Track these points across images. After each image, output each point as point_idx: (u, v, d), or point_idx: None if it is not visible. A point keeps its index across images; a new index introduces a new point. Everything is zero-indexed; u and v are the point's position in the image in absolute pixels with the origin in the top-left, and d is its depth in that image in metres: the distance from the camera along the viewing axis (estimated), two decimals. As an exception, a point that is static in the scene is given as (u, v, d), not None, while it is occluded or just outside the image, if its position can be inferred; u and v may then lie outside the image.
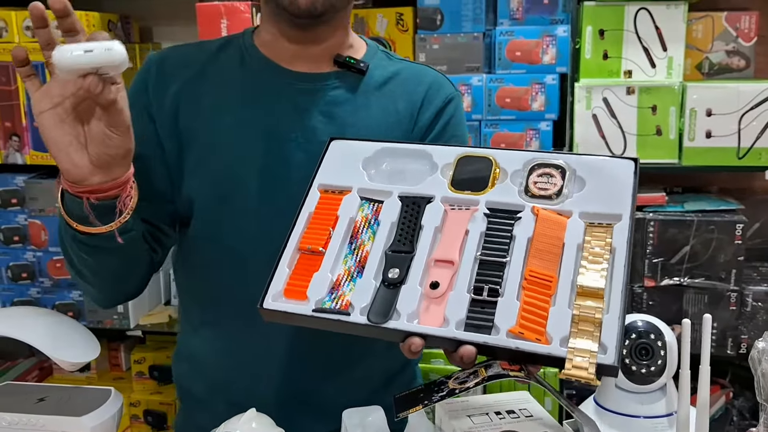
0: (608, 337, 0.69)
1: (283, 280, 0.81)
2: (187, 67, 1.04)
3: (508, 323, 0.72)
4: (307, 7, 0.95)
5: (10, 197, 2.15)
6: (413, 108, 1.05)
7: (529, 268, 0.75)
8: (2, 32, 1.99)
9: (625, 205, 0.79)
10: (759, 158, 1.85)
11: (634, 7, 1.84)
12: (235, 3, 1.88)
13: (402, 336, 0.74)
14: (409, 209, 0.83)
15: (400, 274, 0.77)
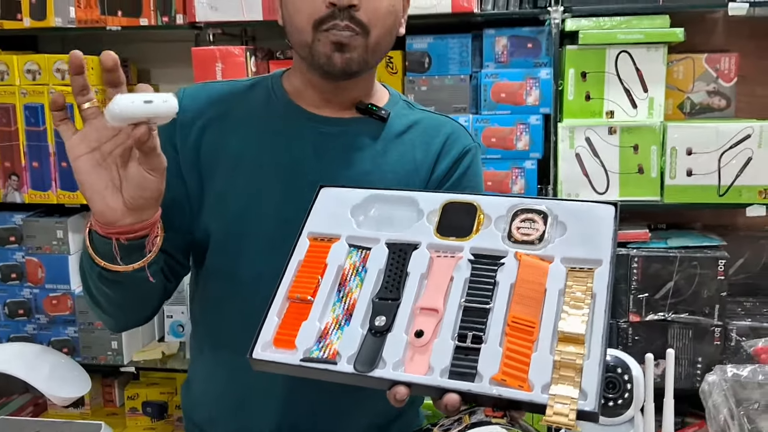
0: (588, 383, 0.70)
1: (272, 329, 0.83)
2: (214, 104, 1.07)
3: (491, 370, 0.73)
4: (342, 67, 0.99)
5: (8, 235, 2.19)
6: (431, 157, 1.08)
7: (511, 314, 0.77)
8: (3, 75, 2.05)
9: (605, 250, 0.80)
10: (739, 196, 1.90)
11: (615, 51, 1.91)
12: (230, 48, 1.95)
13: (388, 384, 0.75)
14: (395, 256, 0.85)
15: (387, 321, 0.79)
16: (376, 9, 0.99)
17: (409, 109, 1.13)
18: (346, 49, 0.98)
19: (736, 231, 2.16)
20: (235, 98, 1.09)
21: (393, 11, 1.01)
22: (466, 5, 1.89)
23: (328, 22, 0.97)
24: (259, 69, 2.03)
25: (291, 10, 1.01)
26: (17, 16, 2.09)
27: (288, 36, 1.05)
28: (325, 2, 0.96)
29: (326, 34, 0.98)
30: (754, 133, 1.87)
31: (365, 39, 0.99)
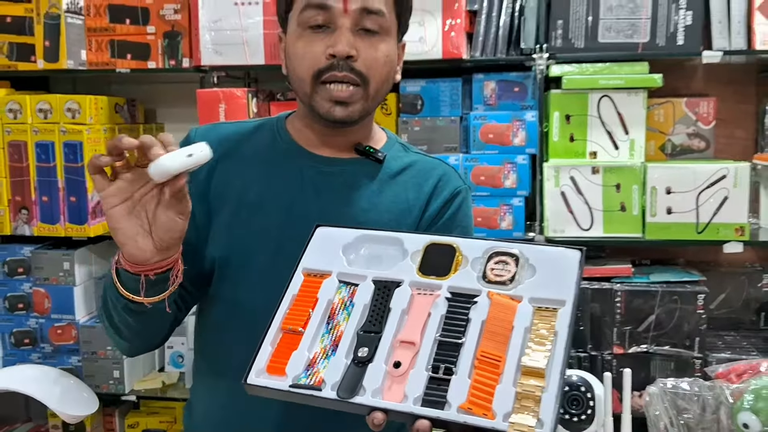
0: (545, 413, 0.77)
1: (266, 357, 0.90)
2: (224, 143, 1.15)
3: (459, 399, 0.81)
4: (342, 118, 1.06)
5: (17, 266, 2.26)
6: (423, 198, 1.15)
7: (481, 349, 0.84)
8: (17, 114, 2.15)
9: (569, 292, 0.87)
10: (717, 233, 1.99)
11: (597, 95, 2.01)
12: (233, 90, 2.05)
13: (367, 410, 0.82)
14: (380, 292, 0.93)
15: (369, 353, 0.87)
16: (373, 59, 1.06)
17: (405, 151, 1.21)
18: (347, 104, 1.06)
19: (718, 267, 2.24)
20: (243, 138, 1.18)
21: (389, 61, 1.09)
22: (457, 52, 2.00)
23: (327, 73, 1.04)
24: (260, 110, 2.14)
25: (294, 61, 1.08)
26: (31, 58, 2.20)
27: (291, 84, 1.13)
28: (324, 54, 1.04)
29: (326, 88, 1.05)
30: (729, 173, 1.96)
31: (364, 89, 1.07)
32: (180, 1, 2.13)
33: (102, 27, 2.17)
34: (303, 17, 1.06)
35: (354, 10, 1.04)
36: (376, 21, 1.06)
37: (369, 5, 1.05)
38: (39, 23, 2.15)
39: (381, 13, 1.06)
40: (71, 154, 2.13)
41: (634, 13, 1.97)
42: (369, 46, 1.06)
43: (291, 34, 1.10)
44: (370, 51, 1.06)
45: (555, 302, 0.86)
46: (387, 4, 1.08)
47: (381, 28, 1.07)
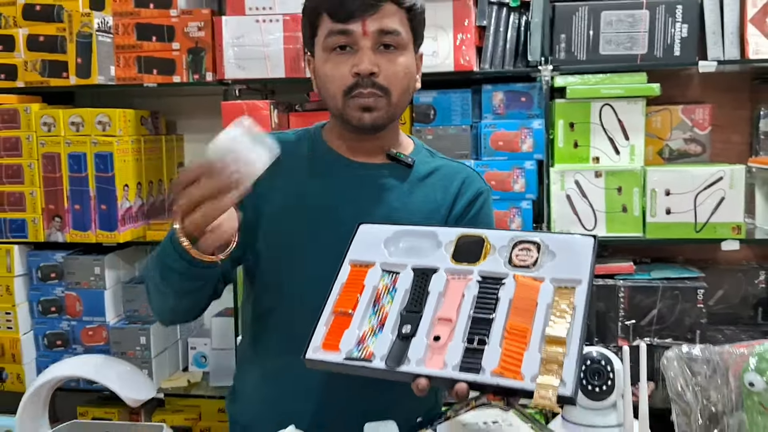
0: (567, 375, 0.87)
1: (321, 336, 1.02)
2: None
3: (492, 365, 0.91)
4: (371, 124, 1.20)
5: (49, 272, 2.38)
6: (449, 199, 1.28)
7: (509, 323, 0.95)
8: (51, 127, 2.27)
9: (584, 272, 0.97)
10: (714, 231, 2.11)
11: (599, 104, 2.13)
12: (256, 102, 2.18)
13: (411, 377, 0.93)
14: (419, 278, 1.04)
15: (411, 329, 0.98)
16: (393, 74, 1.20)
17: (431, 157, 1.34)
18: (373, 110, 1.19)
19: (716, 265, 2.35)
20: (286, 147, 1.29)
21: (408, 73, 1.22)
22: (467, 64, 2.13)
23: (355, 90, 1.18)
24: (281, 120, 2.26)
25: (324, 81, 1.22)
26: (63, 74, 2.32)
27: (323, 101, 1.26)
28: (350, 72, 1.18)
29: (354, 100, 1.19)
30: (726, 175, 2.09)
31: (387, 99, 1.20)
32: (203, 19, 2.25)
33: (129, 44, 2.29)
34: (327, 42, 1.20)
35: (372, 31, 1.17)
36: (393, 39, 1.19)
37: (385, 26, 1.18)
38: (71, 42, 2.27)
39: (396, 32, 1.19)
40: (102, 165, 2.25)
41: (633, 26, 2.10)
42: (389, 62, 1.19)
43: (319, 58, 1.23)
44: (390, 66, 1.19)
45: (572, 281, 0.97)
46: (402, 22, 1.20)
47: (398, 44, 1.20)
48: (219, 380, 2.43)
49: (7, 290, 2.36)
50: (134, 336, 2.35)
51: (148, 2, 2.27)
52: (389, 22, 1.18)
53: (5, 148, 2.30)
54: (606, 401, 1.04)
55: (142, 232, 2.39)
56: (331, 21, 1.18)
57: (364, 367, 0.96)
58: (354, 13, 1.16)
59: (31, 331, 2.41)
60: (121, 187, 2.27)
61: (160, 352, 2.42)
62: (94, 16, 2.25)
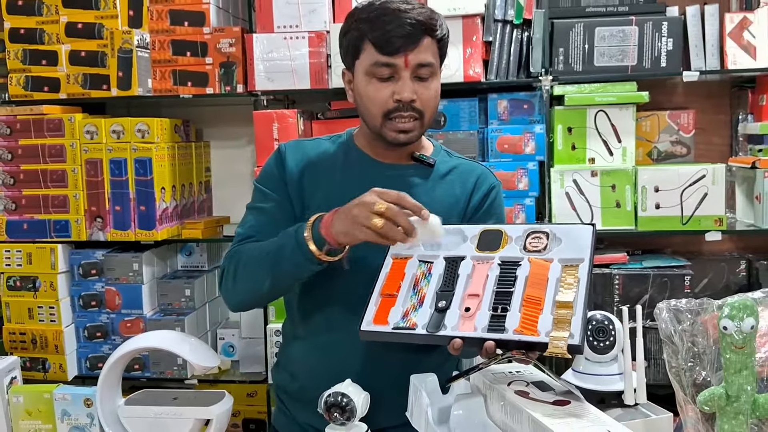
0: (575, 329, 1.07)
1: (372, 313, 1.22)
2: (307, 153, 1.49)
3: (513, 326, 1.11)
4: (405, 142, 1.39)
5: (90, 268, 2.57)
6: (467, 193, 1.46)
7: (526, 294, 1.16)
8: (93, 135, 2.47)
9: (586, 253, 1.19)
10: (699, 224, 2.33)
11: (594, 110, 2.35)
12: (285, 111, 2.39)
13: (448, 340, 1.14)
14: (450, 265, 1.25)
15: (446, 304, 1.19)
16: (428, 99, 1.37)
17: (449, 156, 1.54)
18: (409, 132, 1.39)
19: (701, 255, 2.57)
20: (323, 151, 1.50)
21: (437, 95, 1.42)
22: (475, 75, 2.34)
23: (394, 113, 1.37)
24: (305, 128, 2.47)
25: (365, 100, 1.38)
26: (103, 87, 2.52)
27: (361, 115, 1.44)
28: (392, 98, 1.36)
29: (392, 123, 1.38)
30: (708, 173, 2.31)
31: (421, 121, 1.40)
32: (234, 36, 2.46)
33: (166, 59, 2.50)
34: (372, 70, 1.37)
35: (413, 65, 1.35)
36: (428, 70, 1.36)
37: (423, 61, 1.35)
38: (113, 57, 2.48)
39: (431, 63, 1.36)
40: (141, 169, 2.45)
41: (624, 41, 2.33)
42: (424, 89, 1.38)
43: (360, 80, 1.39)
44: (426, 92, 1.38)
45: (576, 260, 1.18)
46: (434, 53, 1.39)
47: (431, 73, 1.37)
48: (248, 367, 2.63)
49: (51, 286, 2.55)
50: (170, 327, 2.53)
51: (183, 20, 2.48)
52: (426, 56, 1.35)
53: (50, 155, 2.50)
54: (609, 354, 1.25)
55: (177, 231, 2.59)
56: (376, 51, 1.34)
57: (409, 334, 1.17)
58: (399, 48, 1.33)
59: (73, 324, 2.60)
60: (159, 189, 2.47)
61: (193, 341, 2.61)
62: (134, 33, 2.46)
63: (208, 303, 2.74)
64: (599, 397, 1.24)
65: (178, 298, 2.62)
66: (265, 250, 1.36)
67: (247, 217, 1.49)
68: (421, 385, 1.23)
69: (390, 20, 1.33)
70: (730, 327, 1.01)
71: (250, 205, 1.51)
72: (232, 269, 1.41)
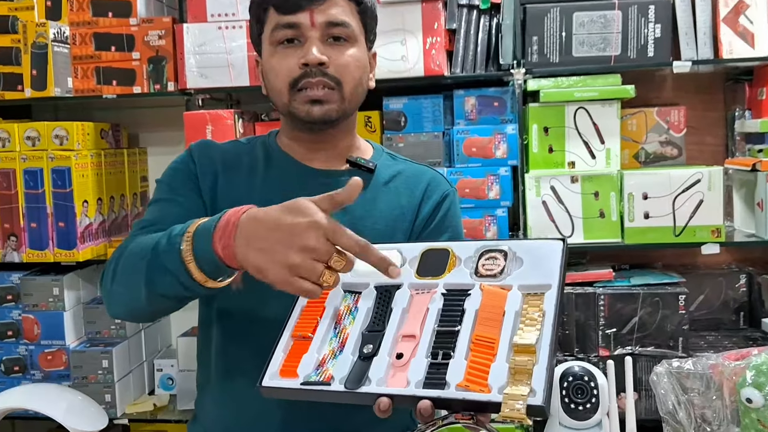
0: (537, 384, 0.81)
1: (279, 362, 0.95)
2: (224, 154, 1.23)
3: (457, 379, 0.85)
4: (320, 115, 1.14)
5: (5, 294, 2.28)
6: (415, 203, 1.23)
7: (475, 334, 0.90)
8: (5, 142, 2.17)
9: (554, 276, 0.93)
10: (694, 235, 2.06)
11: (573, 107, 2.08)
12: (219, 111, 2.10)
13: (373, 399, 0.87)
14: (382, 296, 0.99)
15: (373, 348, 0.92)
16: (345, 64, 1.15)
17: (393, 160, 1.28)
18: (323, 102, 1.14)
19: (696, 269, 2.32)
20: (240, 153, 1.24)
21: (360, 65, 1.17)
22: (438, 69, 2.07)
23: (302, 81, 1.13)
24: (246, 130, 2.18)
25: (270, 76, 1.17)
26: (17, 87, 2.22)
27: (272, 101, 1.20)
28: (298, 63, 1.13)
29: (302, 93, 1.14)
30: (704, 177, 2.04)
31: (339, 92, 1.15)
32: (164, 27, 2.17)
33: (88, 55, 2.21)
34: (274, 36, 1.15)
35: (320, 23, 1.13)
36: (342, 31, 1.15)
37: (333, 18, 1.14)
38: (26, 53, 2.18)
39: (345, 23, 1.16)
40: (59, 180, 2.16)
41: (606, 27, 2.06)
42: (339, 53, 1.15)
43: (265, 53, 1.18)
44: (341, 57, 1.15)
45: (541, 287, 0.92)
46: (351, 14, 1.17)
47: (348, 36, 1.16)
48: (187, 403, 2.32)
49: (-39, 314, 2.25)
50: (96, 359, 2.24)
51: (106, 11, 2.19)
52: (338, 13, 1.15)
53: (-44, 165, 2.20)
54: (590, 420, 0.97)
55: (103, 250, 2.29)
56: (277, 14, 1.15)
57: (322, 391, 0.90)
58: (301, 4, 1.12)
59: (-13, 357, 2.30)
60: (80, 203, 2.17)
61: (124, 375, 2.31)
62: (49, 26, 2.16)
63: (143, 330, 2.43)
64: (578, 478, 0.96)
65: (108, 326, 2.32)
66: (142, 254, 1.03)
67: (149, 209, 1.21)
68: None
69: None
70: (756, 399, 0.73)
71: (153, 199, 1.23)
72: (112, 266, 1.11)
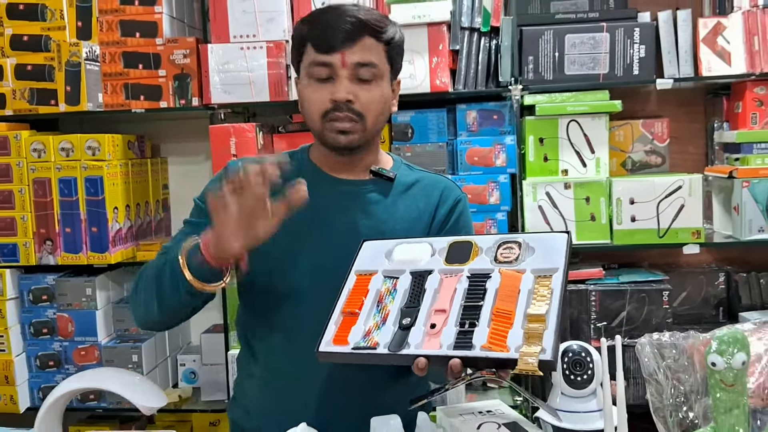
0: (547, 344, 0.98)
1: (332, 333, 1.13)
2: None
3: (481, 342, 1.02)
4: (345, 144, 1.30)
5: (41, 294, 2.44)
6: (431, 207, 1.39)
7: (495, 307, 1.07)
8: (41, 153, 2.34)
9: (560, 261, 1.10)
10: (676, 237, 2.25)
11: (566, 120, 2.27)
12: (243, 125, 2.28)
13: (412, 359, 1.04)
14: (416, 280, 1.16)
15: (411, 321, 1.09)
16: (369, 102, 1.30)
17: (410, 170, 1.46)
18: (348, 133, 1.30)
19: (679, 268, 2.51)
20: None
21: (382, 99, 1.33)
22: (442, 85, 2.25)
23: (331, 113, 1.30)
24: (265, 141, 2.36)
25: (305, 104, 1.33)
26: (50, 102, 2.39)
27: (305, 121, 1.37)
28: (329, 98, 1.29)
29: (331, 123, 1.30)
30: (685, 184, 2.24)
31: (362, 124, 1.31)
32: (189, 47, 2.35)
33: (117, 72, 2.38)
34: (311, 71, 1.31)
35: (351, 64, 1.28)
36: (369, 71, 1.30)
37: (362, 60, 1.29)
38: (60, 71, 2.35)
39: (373, 64, 1.30)
40: (92, 188, 2.32)
41: (595, 48, 2.26)
42: (364, 91, 1.30)
43: (302, 82, 1.35)
44: (366, 94, 1.30)
45: (550, 270, 1.10)
46: (379, 54, 1.31)
47: (374, 75, 1.31)
48: (210, 395, 2.50)
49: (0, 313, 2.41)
50: (126, 354, 2.41)
51: (134, 31, 2.36)
52: (366, 55, 1.29)
53: (-5, 175, 2.37)
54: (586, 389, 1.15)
55: (132, 253, 2.46)
56: (314, 52, 1.29)
57: (369, 354, 1.07)
58: (335, 46, 1.27)
59: (24, 353, 2.46)
60: (111, 209, 2.34)
61: (151, 369, 2.48)
62: (82, 46, 2.34)
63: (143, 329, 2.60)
64: (577, 436, 1.15)
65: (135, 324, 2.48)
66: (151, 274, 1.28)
67: (179, 232, 1.40)
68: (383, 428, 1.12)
69: (329, 18, 1.29)
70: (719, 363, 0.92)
71: (186, 219, 1.41)
72: (133, 288, 1.33)
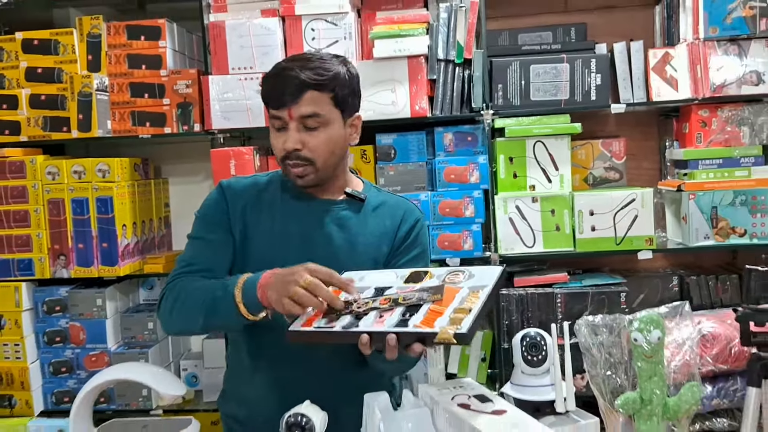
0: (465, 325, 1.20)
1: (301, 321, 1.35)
2: (248, 191, 1.62)
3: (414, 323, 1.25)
4: (302, 185, 1.54)
5: (54, 305, 2.64)
6: (395, 225, 1.62)
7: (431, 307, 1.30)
8: (55, 176, 2.55)
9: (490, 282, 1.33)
10: (631, 244, 2.51)
11: (532, 141, 2.51)
12: (241, 149, 2.50)
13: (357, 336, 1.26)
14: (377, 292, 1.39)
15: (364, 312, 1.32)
16: (316, 146, 1.49)
17: (378, 192, 1.70)
18: (303, 176, 1.52)
19: (637, 273, 2.75)
20: (262, 188, 1.64)
21: (331, 141, 1.52)
22: (421, 111, 2.50)
23: (286, 159, 1.52)
24: (262, 163, 2.59)
25: (271, 148, 1.55)
26: (63, 128, 2.61)
27: None
28: (282, 147, 1.50)
29: (288, 168, 1.53)
30: (638, 197, 2.49)
31: (313, 166, 1.52)
32: (191, 78, 2.58)
33: (124, 101, 2.60)
34: (270, 122, 1.54)
35: (297, 117, 1.49)
36: (314, 120, 1.50)
37: (306, 112, 1.47)
38: (73, 100, 2.57)
39: (317, 114, 1.48)
40: (103, 208, 2.54)
41: (557, 77, 2.52)
42: (313, 138, 1.51)
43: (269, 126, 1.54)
44: (313, 140, 1.51)
45: (481, 287, 1.33)
46: (323, 104, 1.48)
47: (320, 123, 1.51)
48: (211, 396, 2.71)
49: (16, 324, 2.60)
50: (134, 360, 2.61)
51: (140, 64, 2.59)
52: (311, 107, 1.47)
53: (12, 196, 2.57)
54: (541, 368, 1.40)
55: (139, 266, 2.67)
56: (268, 107, 1.52)
57: (326, 332, 1.31)
58: (282, 102, 1.47)
59: (38, 360, 2.66)
60: (120, 226, 2.56)
61: (157, 373, 2.69)
62: (93, 78, 2.56)
63: (170, 336, 2.82)
64: (534, 407, 1.39)
65: (142, 332, 2.70)
66: (201, 299, 1.47)
67: (189, 247, 1.61)
68: (374, 402, 1.35)
69: (277, 81, 1.49)
70: (639, 339, 1.16)
71: (191, 234, 1.62)
72: (170, 301, 1.52)
